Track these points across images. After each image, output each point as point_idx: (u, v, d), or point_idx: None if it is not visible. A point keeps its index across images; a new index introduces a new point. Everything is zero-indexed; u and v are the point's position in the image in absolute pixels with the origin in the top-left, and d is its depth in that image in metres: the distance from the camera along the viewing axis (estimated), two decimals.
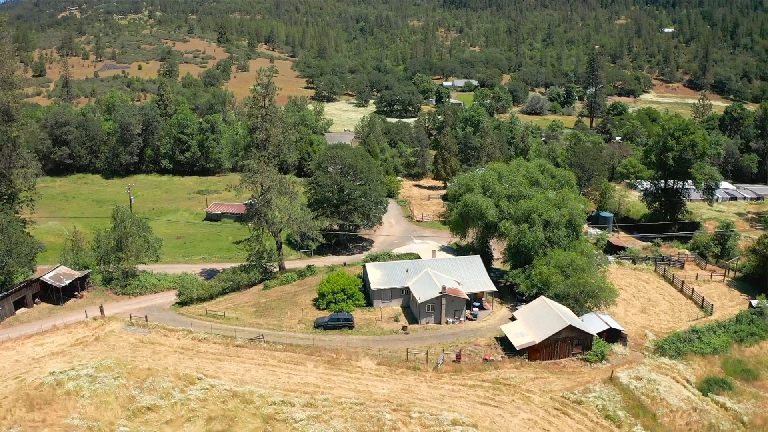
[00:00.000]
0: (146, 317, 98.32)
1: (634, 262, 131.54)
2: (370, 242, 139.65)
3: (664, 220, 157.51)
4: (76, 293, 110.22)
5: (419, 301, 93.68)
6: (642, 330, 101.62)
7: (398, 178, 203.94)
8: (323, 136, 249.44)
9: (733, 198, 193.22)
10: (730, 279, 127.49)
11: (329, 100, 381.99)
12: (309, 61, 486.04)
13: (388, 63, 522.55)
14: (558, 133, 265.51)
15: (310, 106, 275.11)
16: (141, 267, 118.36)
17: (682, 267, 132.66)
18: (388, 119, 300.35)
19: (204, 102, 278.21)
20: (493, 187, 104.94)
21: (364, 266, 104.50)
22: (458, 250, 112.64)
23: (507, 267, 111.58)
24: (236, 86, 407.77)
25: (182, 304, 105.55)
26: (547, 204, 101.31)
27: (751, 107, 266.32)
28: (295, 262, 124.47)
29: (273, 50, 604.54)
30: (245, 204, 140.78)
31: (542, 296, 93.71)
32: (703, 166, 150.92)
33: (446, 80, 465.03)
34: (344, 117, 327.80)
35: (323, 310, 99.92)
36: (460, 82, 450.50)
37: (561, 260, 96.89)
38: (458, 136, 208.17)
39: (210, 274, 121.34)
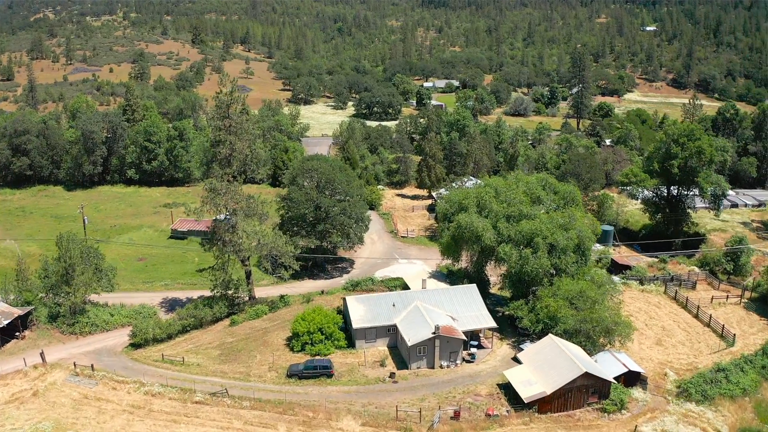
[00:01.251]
0: (92, 366, 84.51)
1: (641, 283, 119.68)
2: (351, 263, 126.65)
3: (667, 233, 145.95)
4: (17, 333, 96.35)
5: (409, 344, 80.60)
6: (661, 368, 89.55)
7: (380, 187, 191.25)
8: (300, 143, 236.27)
9: (734, 205, 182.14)
10: (746, 300, 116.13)
11: (306, 102, 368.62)
12: (285, 62, 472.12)
13: (366, 64, 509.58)
14: (545, 136, 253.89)
15: (286, 110, 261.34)
16: (95, 297, 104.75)
17: (693, 287, 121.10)
18: (368, 122, 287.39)
19: (173, 107, 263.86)
20: (490, 205, 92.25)
21: (344, 300, 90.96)
22: (450, 276, 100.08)
23: (506, 293, 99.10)
24: (210, 89, 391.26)
25: (136, 346, 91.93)
26: (552, 226, 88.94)
27: (732, 106, 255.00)
28: (266, 288, 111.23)
29: (249, 51, 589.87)
30: (214, 220, 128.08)
31: (550, 335, 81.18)
32: (710, 174, 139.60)
33: (427, 81, 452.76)
34: (322, 120, 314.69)
35: (298, 352, 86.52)
36: (441, 83, 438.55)
37: (570, 291, 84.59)
38: (443, 141, 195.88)
39: (172, 304, 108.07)
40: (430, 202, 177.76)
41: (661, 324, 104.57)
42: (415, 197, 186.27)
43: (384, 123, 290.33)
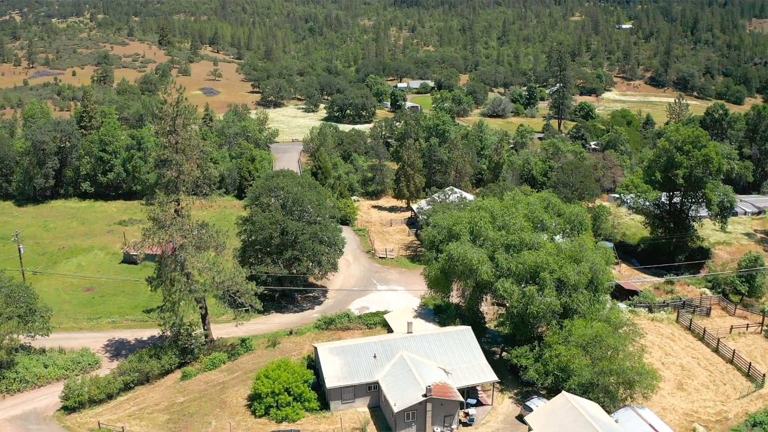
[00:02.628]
0: None
1: (650, 311, 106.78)
2: (324, 291, 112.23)
3: (670, 247, 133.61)
4: None
5: (395, 410, 66.10)
6: (688, 422, 76.35)
7: (354, 198, 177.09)
8: (268, 149, 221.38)
9: (734, 213, 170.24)
10: (766, 328, 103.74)
11: (276, 105, 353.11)
12: (255, 63, 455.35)
13: (338, 64, 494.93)
14: (528, 139, 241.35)
15: (253, 114, 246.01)
16: (29, 341, 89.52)
17: (708, 314, 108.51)
18: (341, 126, 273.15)
19: (133, 113, 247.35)
20: (486, 232, 78.44)
21: (316, 350, 76.28)
22: (439, 312, 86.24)
23: (502, 329, 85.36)
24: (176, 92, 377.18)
25: (70, 409, 76.70)
26: (561, 257, 75.44)
27: (721, 106, 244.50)
28: (226, 327, 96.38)
29: (217, 52, 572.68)
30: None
31: (564, 393, 67.38)
32: (717, 184, 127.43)
33: (401, 81, 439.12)
34: (292, 124, 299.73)
35: (261, 417, 71.62)
36: (416, 84, 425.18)
37: (583, 335, 71.07)
38: (421, 148, 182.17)
39: (118, 348, 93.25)
40: (409, 214, 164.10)
41: (679, 362, 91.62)
42: (392, 209, 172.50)
43: (357, 126, 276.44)
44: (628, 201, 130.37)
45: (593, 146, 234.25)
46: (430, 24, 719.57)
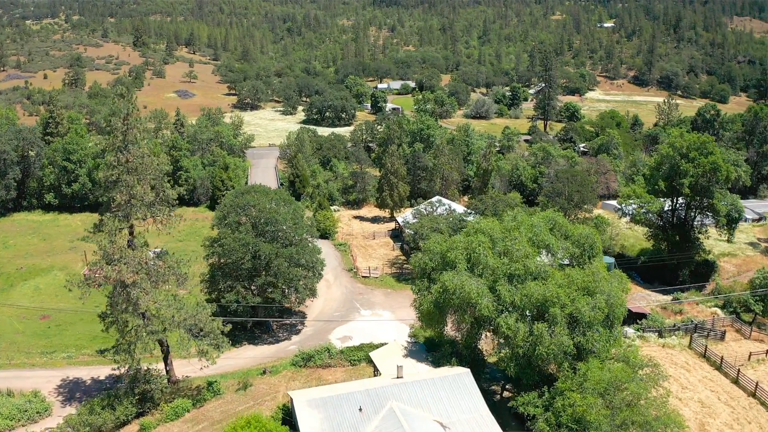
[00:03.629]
0: None
1: (660, 335, 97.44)
2: (302, 317, 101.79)
3: (675, 261, 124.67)
4: None
5: None
6: None
7: (334, 208, 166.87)
8: (244, 155, 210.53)
9: None
10: None
11: (253, 107, 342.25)
12: (231, 64, 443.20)
13: (317, 65, 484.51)
14: (515, 142, 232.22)
15: (227, 119, 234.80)
16: None
17: (722, 338, 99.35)
18: (320, 129, 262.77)
19: (102, 117, 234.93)
20: (485, 260, 68.55)
21: (292, 402, 65.68)
22: (431, 348, 76.17)
23: (504, 365, 75.12)
24: (150, 95, 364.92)
25: None
26: (572, 289, 65.73)
27: (713, 106, 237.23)
28: (192, 364, 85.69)
29: (194, 53, 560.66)
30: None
31: None
32: (725, 194, 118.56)
33: (381, 82, 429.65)
34: (270, 128, 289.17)
35: None
36: (396, 84, 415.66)
37: (600, 381, 61.33)
38: (405, 154, 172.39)
39: (72, 389, 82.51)
40: (393, 225, 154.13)
41: (698, 397, 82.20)
42: (375, 219, 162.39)
43: (337, 129, 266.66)
44: (630, 212, 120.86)
45: (582, 149, 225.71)
46: (409, 23, 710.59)
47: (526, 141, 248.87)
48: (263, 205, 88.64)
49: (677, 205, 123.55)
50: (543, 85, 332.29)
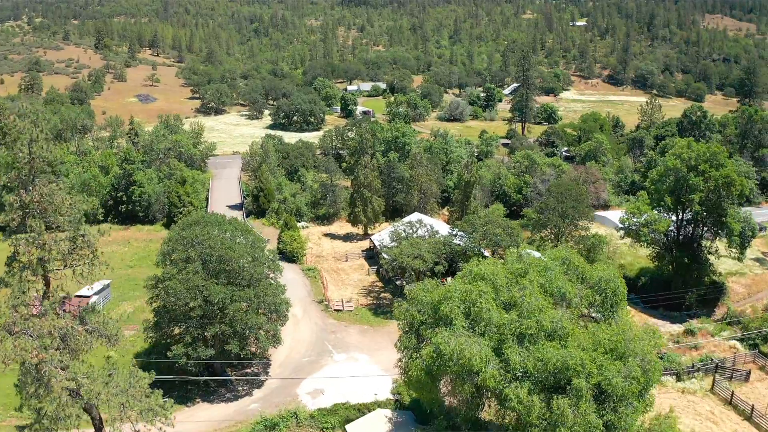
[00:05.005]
0: None
1: (679, 378, 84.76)
2: (265, 364, 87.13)
3: (682, 285, 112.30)
4: None
5: None
6: None
7: (302, 224, 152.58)
8: (205, 165, 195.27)
9: None
10: None
11: (218, 112, 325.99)
12: (195, 67, 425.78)
13: (285, 66, 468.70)
14: (494, 147, 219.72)
15: (187, 126, 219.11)
16: None
17: (747, 379, 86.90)
18: (287, 134, 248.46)
19: (50, 128, 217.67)
20: (488, 315, 55.03)
21: None
22: (422, 419, 62.29)
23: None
24: (110, 99, 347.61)
25: None
26: (599, 353, 52.47)
27: (699, 107, 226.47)
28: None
29: (157, 55, 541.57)
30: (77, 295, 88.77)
31: None
32: (738, 211, 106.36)
33: (351, 84, 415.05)
34: (234, 133, 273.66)
35: None
36: (367, 86, 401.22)
37: None
38: (379, 164, 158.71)
39: None
40: (367, 244, 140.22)
41: None
42: (348, 237, 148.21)
43: (305, 135, 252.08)
44: (635, 230, 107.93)
45: (565, 153, 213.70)
46: (379, 23, 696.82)
47: (505, 145, 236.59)
48: (215, 239, 74.13)
49: (683, 221, 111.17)
50: (517, 85, 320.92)
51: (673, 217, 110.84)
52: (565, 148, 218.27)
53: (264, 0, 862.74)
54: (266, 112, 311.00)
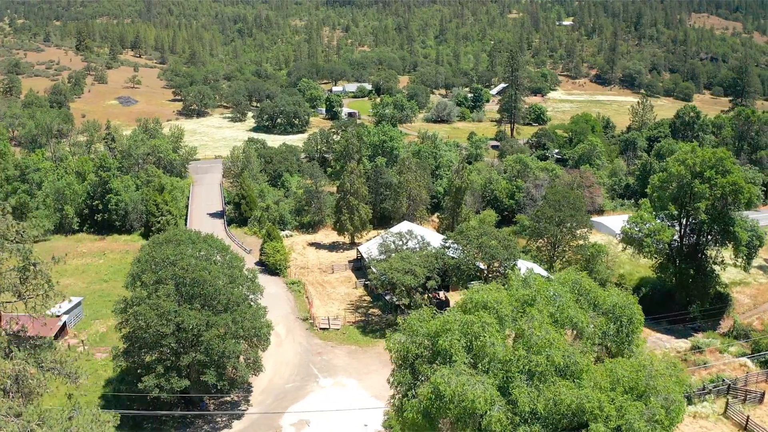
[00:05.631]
0: None
1: (690, 401, 79.00)
2: (246, 391, 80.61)
3: (686, 298, 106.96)
4: None
5: None
6: None
7: (286, 233, 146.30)
8: (185, 172, 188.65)
9: None
10: None
11: (200, 114, 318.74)
12: (178, 68, 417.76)
13: (269, 67, 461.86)
14: (483, 150, 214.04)
15: (167, 130, 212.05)
16: None
17: (761, 400, 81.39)
18: (271, 137, 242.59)
19: (25, 133, 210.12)
20: (493, 351, 49.04)
21: None
22: None
23: None
24: (90, 102, 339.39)
25: None
26: (618, 392, 46.64)
27: (692, 108, 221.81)
28: None
29: (139, 57, 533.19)
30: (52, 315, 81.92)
31: None
32: (746, 219, 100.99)
33: (336, 85, 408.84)
34: (217, 136, 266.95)
35: None
36: (352, 87, 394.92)
37: None
38: (366, 169, 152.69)
39: None
40: (354, 253, 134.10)
41: None
42: (333, 246, 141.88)
43: (289, 137, 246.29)
44: (637, 240, 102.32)
45: (556, 155, 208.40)
46: (364, 23, 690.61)
47: (495, 147, 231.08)
48: (188, 259, 67.69)
49: (686, 231, 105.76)
50: (504, 85, 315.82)
51: (677, 226, 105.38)
52: (556, 150, 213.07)
53: (248, 0, 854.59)
54: (250, 114, 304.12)
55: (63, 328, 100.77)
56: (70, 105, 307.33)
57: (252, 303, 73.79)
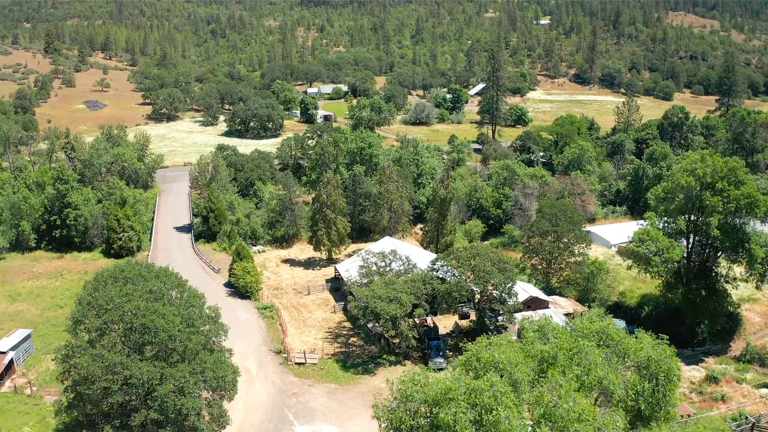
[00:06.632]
0: None
1: None
2: None
3: (696, 319, 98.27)
4: None
5: None
6: None
7: (258, 248, 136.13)
8: (151, 182, 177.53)
9: None
10: None
11: (170, 118, 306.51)
12: (148, 70, 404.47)
13: (242, 68, 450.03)
14: (466, 154, 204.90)
15: (132, 136, 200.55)
16: None
17: None
18: (244, 142, 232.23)
19: None
20: (509, 426, 39.37)
21: None
22: None
23: None
24: (56, 107, 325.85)
25: None
26: None
27: (681, 108, 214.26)
28: None
29: (110, 59, 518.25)
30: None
31: None
32: (761, 234, 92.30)
33: (311, 86, 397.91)
34: (187, 141, 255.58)
35: None
36: (328, 89, 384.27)
37: None
38: (344, 179, 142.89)
39: None
40: (331, 271, 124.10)
41: None
42: (309, 263, 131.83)
43: (263, 142, 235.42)
44: (644, 257, 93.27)
45: (542, 159, 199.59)
46: (339, 23, 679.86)
47: (477, 151, 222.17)
48: (137, 302, 57.35)
49: (693, 246, 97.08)
50: (483, 85, 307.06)
51: (684, 241, 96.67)
52: (542, 153, 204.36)
53: (221, 0, 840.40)
54: (222, 118, 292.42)
55: (10, 366, 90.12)
56: (35, 110, 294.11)
57: (215, 346, 63.56)
